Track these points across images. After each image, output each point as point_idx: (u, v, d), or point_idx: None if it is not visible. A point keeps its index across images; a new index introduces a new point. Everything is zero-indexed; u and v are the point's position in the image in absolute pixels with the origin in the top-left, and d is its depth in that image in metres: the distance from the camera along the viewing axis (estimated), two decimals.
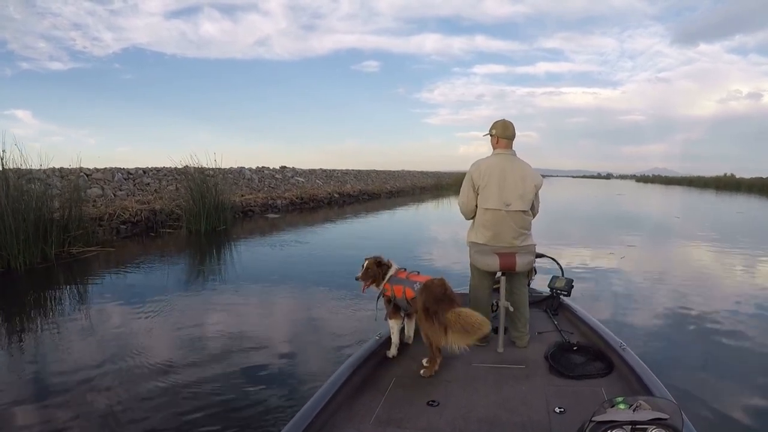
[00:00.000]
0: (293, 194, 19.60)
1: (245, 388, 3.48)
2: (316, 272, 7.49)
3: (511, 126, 3.36)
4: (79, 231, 8.77)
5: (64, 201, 9.05)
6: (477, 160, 3.39)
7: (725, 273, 8.01)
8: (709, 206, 25.75)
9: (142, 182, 13.88)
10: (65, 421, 3.04)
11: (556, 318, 3.90)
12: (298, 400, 3.11)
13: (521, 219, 3.27)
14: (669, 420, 1.65)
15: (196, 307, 5.61)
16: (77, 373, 3.71)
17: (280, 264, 8.33)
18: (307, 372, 3.80)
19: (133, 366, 3.83)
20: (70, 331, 4.75)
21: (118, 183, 13.20)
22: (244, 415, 3.12)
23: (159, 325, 4.91)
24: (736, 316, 5.40)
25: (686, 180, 68.39)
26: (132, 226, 11.27)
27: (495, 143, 3.38)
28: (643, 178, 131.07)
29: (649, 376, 2.58)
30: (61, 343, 4.47)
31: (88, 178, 12.62)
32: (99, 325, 5.01)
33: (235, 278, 7.17)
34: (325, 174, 26.98)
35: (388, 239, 11.74)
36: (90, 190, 12.08)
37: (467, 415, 2.45)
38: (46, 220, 8.13)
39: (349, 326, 4.87)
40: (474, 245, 3.36)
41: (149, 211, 11.84)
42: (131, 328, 4.79)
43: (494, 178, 3.24)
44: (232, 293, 6.28)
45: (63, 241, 8.43)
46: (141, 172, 14.41)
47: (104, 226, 10.55)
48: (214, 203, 11.74)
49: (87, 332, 4.76)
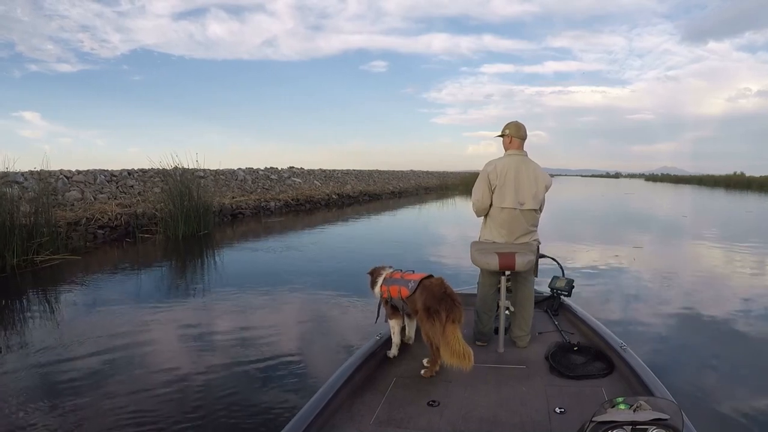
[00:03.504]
0: (288, 196, 19.05)
1: (240, 395, 3.43)
2: (297, 276, 7.11)
3: (523, 127, 3.51)
4: (45, 238, 8.26)
5: (35, 205, 8.55)
6: (492, 160, 3.51)
7: (729, 273, 7.87)
8: (719, 205, 25.54)
9: (125, 184, 13.36)
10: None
11: (557, 318, 3.91)
12: (297, 401, 3.15)
13: (533, 217, 3.47)
14: (669, 420, 1.65)
15: (147, 323, 5.03)
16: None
17: (259, 271, 7.74)
18: (306, 374, 3.77)
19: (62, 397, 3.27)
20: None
21: (100, 185, 12.69)
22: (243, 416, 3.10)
23: (95, 348, 4.32)
24: (738, 316, 5.35)
25: (696, 179, 67.59)
26: (110, 231, 10.71)
27: (508, 143, 3.51)
28: (653, 177, 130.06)
29: (649, 377, 2.58)
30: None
31: (69, 180, 12.14)
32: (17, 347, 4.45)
33: (203, 289, 6.64)
34: (325, 174, 26.39)
35: (387, 240, 11.37)
36: (69, 193, 11.58)
37: (468, 415, 2.46)
38: (8, 226, 7.63)
39: (347, 327, 4.84)
40: (476, 244, 3.48)
41: (130, 215, 11.30)
42: (57, 352, 4.21)
43: (510, 178, 3.39)
44: (195, 307, 5.74)
45: (27, 249, 7.93)
46: (126, 173, 13.91)
47: (80, 231, 10.04)
48: (194, 206, 11.14)
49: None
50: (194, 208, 11.12)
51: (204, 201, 11.66)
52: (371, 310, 4.39)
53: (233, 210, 14.86)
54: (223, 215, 14.04)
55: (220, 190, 16.58)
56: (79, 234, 9.91)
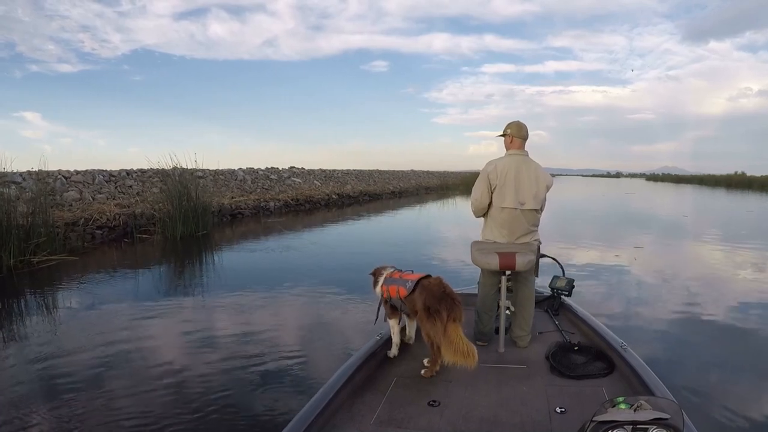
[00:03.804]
0: (288, 196, 18.99)
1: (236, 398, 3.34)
2: (294, 276, 7.03)
3: (524, 127, 3.47)
4: (42, 238, 8.21)
5: (32, 205, 8.49)
6: (492, 160, 3.48)
7: (729, 273, 7.84)
8: (719, 205, 25.54)
9: (124, 184, 13.31)
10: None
11: (557, 318, 3.89)
12: (296, 401, 3.12)
13: (533, 217, 3.44)
14: (670, 420, 1.65)
15: (142, 324, 4.97)
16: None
17: (255, 271, 7.70)
18: (305, 375, 3.75)
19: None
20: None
21: (99, 185, 12.64)
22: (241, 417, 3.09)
23: (78, 356, 4.27)
24: (739, 316, 5.32)
25: (697, 178, 67.48)
26: (109, 231, 10.66)
27: (509, 143, 3.48)
28: (653, 176, 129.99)
29: (650, 376, 2.57)
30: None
31: (67, 180, 12.08)
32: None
33: (198, 290, 6.59)
34: (325, 174, 26.31)
35: (386, 241, 11.31)
36: (67, 193, 11.53)
37: (468, 415, 2.45)
38: (5, 227, 7.58)
39: (346, 327, 4.83)
40: (476, 244, 3.46)
41: (128, 216, 11.25)
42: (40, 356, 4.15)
43: (510, 178, 3.37)
44: (190, 307, 5.68)
45: (24, 250, 7.88)
46: (124, 173, 13.85)
47: (78, 231, 9.99)
48: (193, 206, 11.08)
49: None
50: (192, 209, 11.05)
51: (202, 201, 11.59)
52: (371, 310, 4.42)
53: (232, 210, 14.80)
54: (222, 215, 13.98)
55: (220, 191, 16.52)
56: (77, 234, 9.86)
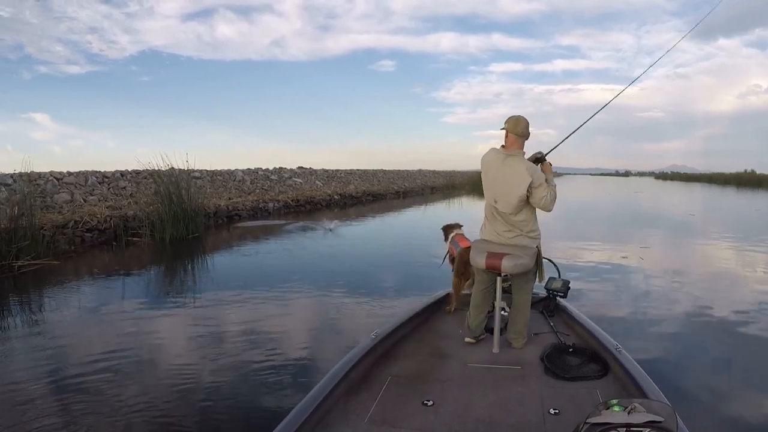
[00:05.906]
0: (288, 196, 18.71)
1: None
2: (285, 279, 6.89)
3: (522, 122, 3.25)
4: (26, 242, 7.98)
5: (17, 208, 8.27)
6: (487, 151, 3.40)
7: (730, 274, 7.76)
8: (728, 203, 25.31)
9: (117, 186, 13.08)
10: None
11: (552, 319, 3.90)
12: (291, 401, 3.07)
13: (510, 218, 3.28)
14: (663, 423, 1.66)
15: (124, 329, 4.69)
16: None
17: (245, 275, 7.36)
18: (301, 374, 3.74)
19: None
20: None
21: (91, 187, 12.42)
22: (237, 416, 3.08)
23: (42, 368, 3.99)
24: (737, 319, 5.28)
25: (706, 177, 66.71)
26: (99, 234, 10.42)
27: (505, 138, 3.35)
28: (662, 175, 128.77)
29: (644, 379, 2.57)
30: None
31: (59, 182, 11.87)
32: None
33: (182, 295, 6.33)
34: (327, 174, 26.02)
35: (386, 242, 11.11)
36: (58, 195, 11.31)
37: (462, 416, 2.45)
38: None
39: (345, 328, 4.88)
40: (476, 242, 3.45)
41: (120, 218, 11.00)
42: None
43: (488, 173, 3.31)
44: (172, 313, 5.40)
45: (6, 254, 7.65)
46: (118, 174, 13.63)
47: (67, 234, 9.76)
48: (184, 208, 10.79)
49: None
50: (183, 211, 10.76)
51: (195, 203, 11.31)
52: (370, 310, 5.40)
53: (229, 212, 14.51)
54: (218, 217, 13.69)
55: (217, 192, 16.26)
56: (66, 237, 9.64)
